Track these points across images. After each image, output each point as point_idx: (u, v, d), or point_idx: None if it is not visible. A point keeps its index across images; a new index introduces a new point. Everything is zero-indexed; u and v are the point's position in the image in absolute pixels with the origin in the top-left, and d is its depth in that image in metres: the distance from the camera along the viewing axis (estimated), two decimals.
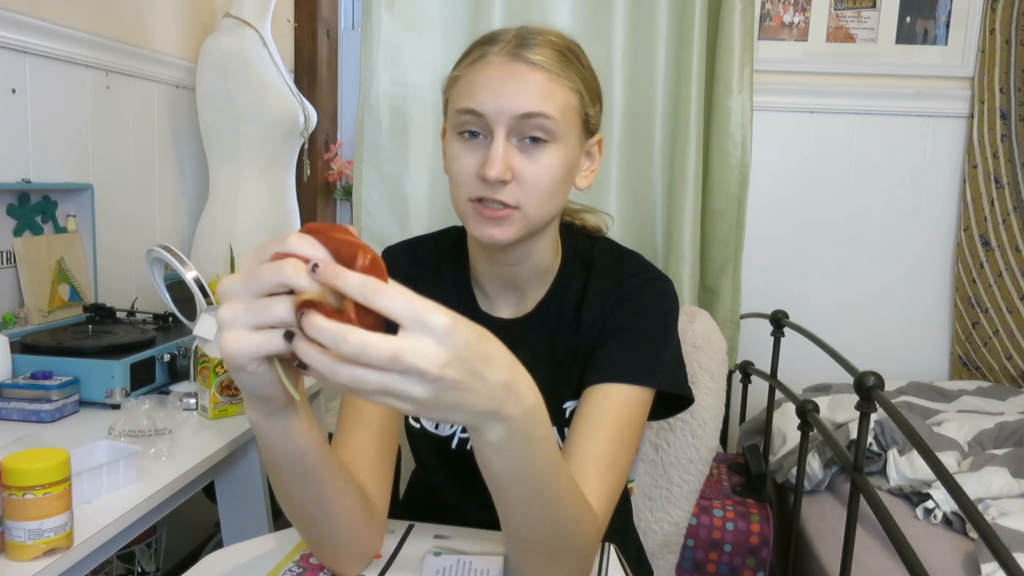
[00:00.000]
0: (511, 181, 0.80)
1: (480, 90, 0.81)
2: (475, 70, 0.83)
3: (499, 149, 0.79)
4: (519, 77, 0.80)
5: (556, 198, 0.85)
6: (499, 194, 0.80)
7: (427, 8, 1.82)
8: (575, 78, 0.83)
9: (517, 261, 0.90)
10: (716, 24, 1.80)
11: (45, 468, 0.82)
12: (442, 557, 0.84)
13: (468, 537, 0.89)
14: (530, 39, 0.83)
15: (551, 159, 0.82)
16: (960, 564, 1.26)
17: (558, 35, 0.86)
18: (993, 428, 1.66)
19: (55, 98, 1.61)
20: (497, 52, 0.82)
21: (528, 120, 0.80)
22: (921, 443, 1.05)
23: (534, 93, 0.80)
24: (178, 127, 2.05)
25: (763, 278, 2.15)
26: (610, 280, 0.91)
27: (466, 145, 0.83)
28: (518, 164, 0.81)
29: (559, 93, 0.81)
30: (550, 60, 0.81)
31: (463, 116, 0.82)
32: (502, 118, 0.79)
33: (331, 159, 2.33)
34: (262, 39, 1.95)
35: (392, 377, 0.50)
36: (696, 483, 1.19)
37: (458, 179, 0.83)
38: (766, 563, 1.60)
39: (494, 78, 0.81)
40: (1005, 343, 2.09)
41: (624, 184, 1.85)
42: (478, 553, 0.85)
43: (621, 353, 0.86)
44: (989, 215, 2.08)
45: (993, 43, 2.03)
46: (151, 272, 1.52)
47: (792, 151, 2.16)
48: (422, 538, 0.89)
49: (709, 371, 1.17)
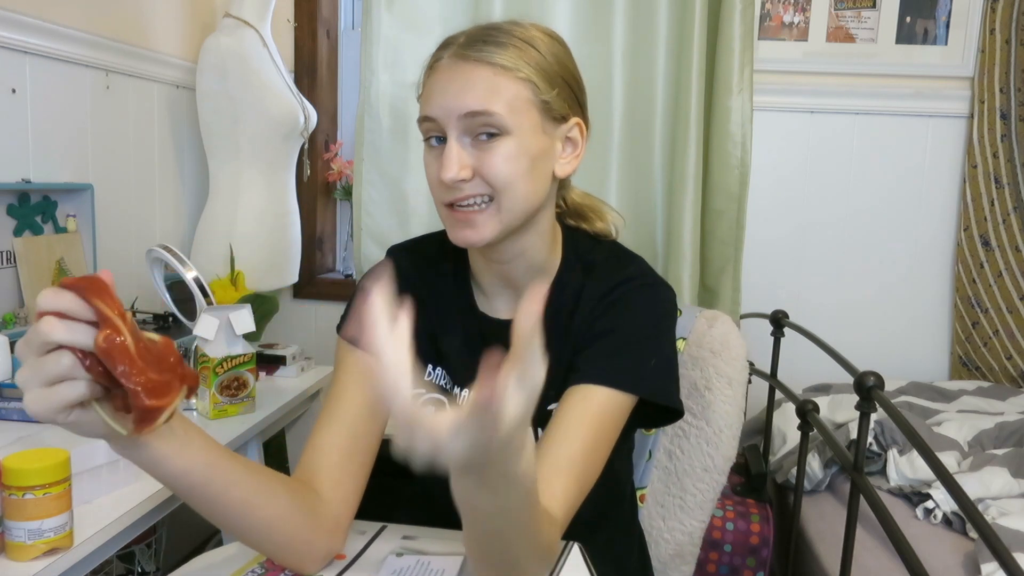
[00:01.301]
0: (472, 179, 0.81)
1: (433, 95, 0.83)
2: (429, 76, 0.85)
3: (452, 152, 0.80)
4: (463, 77, 0.81)
5: (528, 187, 0.83)
6: (465, 191, 0.81)
7: (427, 8, 1.82)
8: (524, 67, 0.82)
9: (509, 259, 0.89)
10: (716, 24, 1.80)
11: (45, 468, 0.82)
12: (403, 558, 0.84)
13: (435, 538, 0.89)
14: (478, 36, 0.83)
15: (507, 149, 0.81)
16: (960, 564, 1.26)
17: (512, 26, 0.85)
18: (993, 428, 1.66)
19: (55, 98, 1.61)
20: (448, 56, 0.83)
21: (474, 119, 0.80)
22: (921, 443, 1.05)
23: (478, 91, 0.80)
24: (178, 127, 2.05)
25: (763, 278, 2.15)
26: (606, 283, 0.90)
27: (432, 152, 0.84)
28: (474, 161, 0.81)
29: (506, 86, 0.81)
30: (495, 54, 0.81)
31: (423, 124, 0.84)
32: (450, 119, 0.81)
33: (331, 159, 2.33)
34: (262, 39, 1.95)
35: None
36: (712, 492, 1.14)
37: (431, 186, 0.85)
38: (766, 563, 1.60)
39: (443, 81, 0.82)
40: (1005, 343, 2.09)
41: (624, 184, 1.85)
42: (437, 553, 0.85)
43: (604, 356, 0.85)
44: (989, 215, 2.08)
45: (993, 43, 2.03)
46: (151, 272, 1.52)
47: (792, 151, 2.16)
48: (390, 539, 0.89)
49: (727, 377, 1.12)
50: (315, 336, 2.31)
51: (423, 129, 0.85)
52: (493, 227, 0.82)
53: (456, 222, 0.83)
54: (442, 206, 0.84)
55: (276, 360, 1.61)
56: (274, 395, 1.47)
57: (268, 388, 1.51)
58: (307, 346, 1.83)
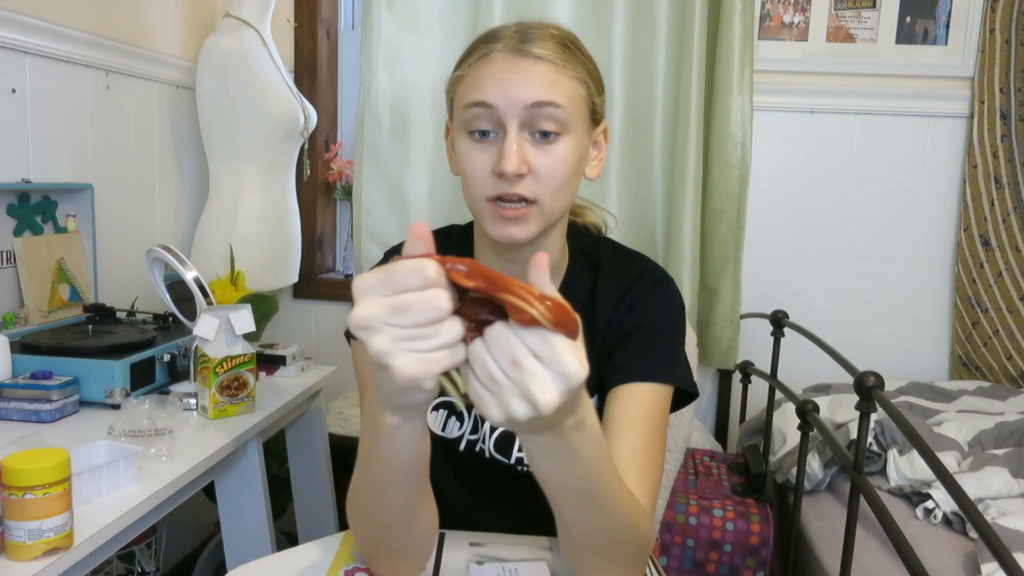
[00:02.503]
0: (527, 174, 0.80)
1: (487, 83, 0.80)
2: (480, 66, 0.82)
3: (513, 143, 0.79)
4: (524, 68, 0.80)
5: (569, 189, 0.85)
6: (516, 188, 0.80)
7: (427, 8, 1.82)
8: (580, 68, 0.83)
9: (528, 258, 0.90)
10: (716, 24, 1.81)
11: (45, 468, 0.82)
12: (485, 566, 0.83)
13: (502, 543, 0.89)
14: (531, 33, 0.83)
15: (564, 150, 0.81)
16: (960, 564, 1.26)
17: (557, 27, 0.86)
18: (993, 428, 1.66)
19: (55, 98, 1.61)
20: (501, 48, 0.82)
21: (539, 109, 0.79)
22: (921, 443, 1.05)
23: (542, 82, 0.80)
24: (178, 127, 2.05)
25: (763, 278, 2.15)
26: (621, 282, 0.92)
27: (478, 144, 0.82)
28: (532, 157, 0.80)
29: (566, 83, 0.81)
30: (554, 52, 0.81)
31: (472, 110, 0.81)
32: (512, 108, 0.79)
33: (331, 159, 2.33)
34: (262, 39, 1.95)
35: (506, 379, 0.52)
36: (672, 472, 1.20)
37: (472, 179, 0.83)
38: (766, 563, 1.60)
39: (501, 71, 0.80)
40: (1005, 343, 2.09)
41: (624, 184, 1.85)
42: (521, 560, 0.84)
43: (642, 353, 0.88)
44: (989, 215, 2.08)
45: (993, 43, 2.03)
46: (151, 272, 1.52)
47: (792, 151, 2.16)
48: (457, 546, 0.88)
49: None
50: (315, 336, 2.31)
51: (469, 116, 0.81)
52: (536, 227, 0.83)
53: (500, 218, 0.82)
54: (483, 200, 0.82)
55: (276, 360, 1.61)
56: (274, 395, 1.47)
57: (268, 388, 1.51)
58: (307, 346, 1.83)
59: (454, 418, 0.95)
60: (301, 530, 1.78)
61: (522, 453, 0.93)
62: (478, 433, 0.95)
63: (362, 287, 0.53)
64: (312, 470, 1.75)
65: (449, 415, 0.95)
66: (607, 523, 0.71)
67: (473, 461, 0.95)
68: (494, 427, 0.93)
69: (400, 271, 0.52)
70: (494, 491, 0.96)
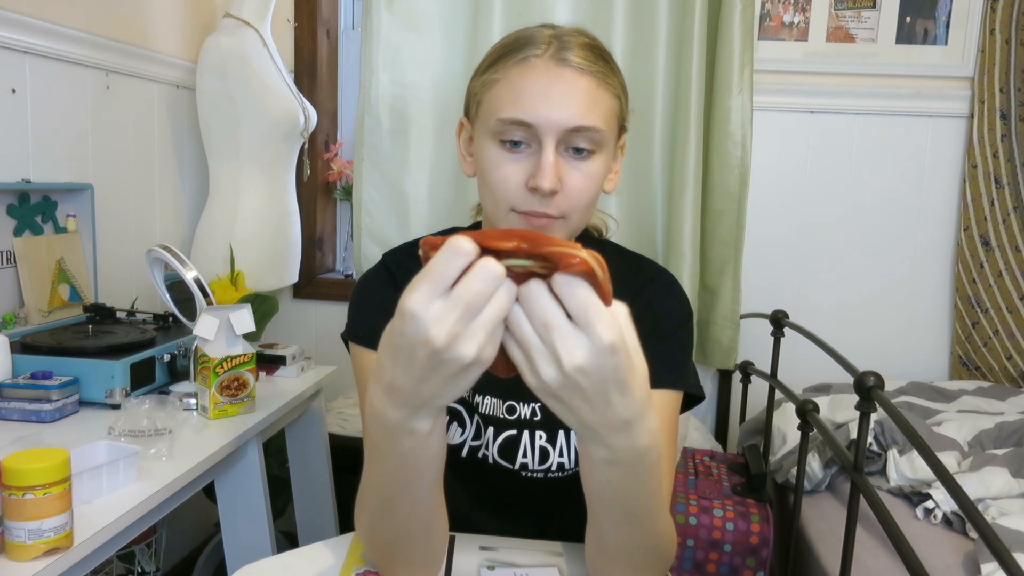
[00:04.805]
0: (560, 192, 0.80)
1: (526, 98, 0.78)
2: (518, 74, 0.80)
3: (551, 159, 0.78)
4: (565, 84, 0.78)
5: (595, 204, 0.86)
6: (547, 208, 0.80)
7: (427, 8, 1.82)
8: (616, 82, 0.82)
9: None
10: (716, 24, 1.81)
11: (45, 468, 0.82)
12: (497, 571, 0.83)
13: (513, 547, 0.89)
14: (569, 41, 0.81)
15: (595, 168, 0.81)
16: (960, 564, 1.26)
17: (590, 35, 0.84)
18: (993, 428, 1.66)
19: (55, 98, 1.61)
20: (539, 55, 0.80)
21: (577, 133, 0.79)
22: (921, 443, 1.05)
23: (583, 103, 0.79)
24: (178, 127, 2.05)
25: (763, 278, 2.15)
26: (630, 286, 0.91)
27: (509, 154, 0.81)
28: (564, 175, 0.80)
29: (604, 100, 0.80)
30: (594, 64, 0.80)
31: (508, 126, 0.79)
32: (551, 129, 0.78)
33: (331, 159, 2.33)
34: (262, 39, 1.95)
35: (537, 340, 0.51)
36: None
37: (500, 189, 0.81)
38: (766, 563, 1.60)
39: (541, 85, 0.78)
40: (1005, 343, 2.09)
41: (624, 184, 1.85)
42: (533, 565, 0.84)
43: (655, 359, 0.86)
44: (989, 215, 2.08)
45: (993, 43, 2.03)
46: (151, 272, 1.52)
47: (792, 151, 2.16)
48: (468, 550, 0.88)
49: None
50: (315, 336, 2.31)
51: (503, 129, 0.80)
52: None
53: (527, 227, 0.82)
54: (509, 211, 0.82)
55: (276, 360, 1.61)
56: (274, 395, 1.47)
57: (268, 388, 1.51)
58: (307, 346, 1.83)
59: (456, 424, 0.94)
60: (301, 530, 1.78)
61: (526, 459, 0.92)
62: (481, 439, 0.94)
63: (415, 306, 0.50)
64: (312, 470, 1.75)
65: (451, 421, 0.94)
66: (645, 544, 0.71)
67: (476, 467, 0.94)
68: (497, 433, 0.93)
69: (437, 264, 0.50)
70: (497, 497, 0.95)
